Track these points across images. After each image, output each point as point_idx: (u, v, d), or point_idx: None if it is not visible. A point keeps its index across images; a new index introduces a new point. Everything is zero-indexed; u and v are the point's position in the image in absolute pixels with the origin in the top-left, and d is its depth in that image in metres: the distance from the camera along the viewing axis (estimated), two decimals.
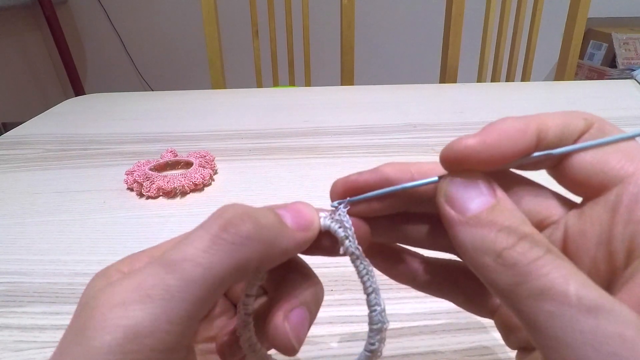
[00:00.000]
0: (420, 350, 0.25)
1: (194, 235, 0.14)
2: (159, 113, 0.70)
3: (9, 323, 0.29)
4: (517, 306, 0.12)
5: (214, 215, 0.14)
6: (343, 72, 1.11)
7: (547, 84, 0.82)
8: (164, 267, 0.13)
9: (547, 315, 0.11)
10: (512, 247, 0.12)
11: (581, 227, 0.14)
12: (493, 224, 0.13)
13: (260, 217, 0.14)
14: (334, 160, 0.51)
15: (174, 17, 2.02)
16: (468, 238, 0.13)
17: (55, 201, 0.44)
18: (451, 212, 0.14)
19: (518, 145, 0.14)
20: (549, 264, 0.12)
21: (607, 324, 0.11)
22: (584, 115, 0.14)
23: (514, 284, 0.12)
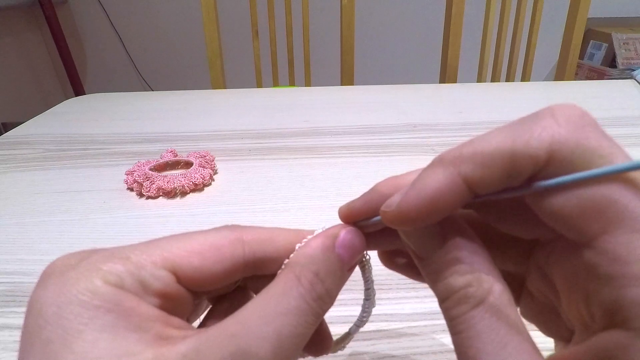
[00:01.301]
0: (420, 350, 0.25)
1: (287, 302, 0.13)
2: (159, 113, 0.70)
3: (9, 323, 0.29)
4: (457, 343, 0.13)
5: (299, 281, 0.14)
6: (343, 72, 1.11)
7: (547, 84, 0.82)
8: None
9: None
10: (445, 300, 0.14)
11: (557, 264, 0.14)
12: (437, 274, 0.14)
13: (338, 284, 0.15)
14: (334, 160, 0.51)
15: (174, 17, 2.02)
16: (427, 282, 0.15)
17: (55, 201, 0.44)
18: (415, 259, 0.15)
19: (446, 204, 0.13)
20: (465, 323, 0.13)
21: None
22: (537, 147, 0.12)
23: (449, 330, 0.14)
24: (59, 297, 0.12)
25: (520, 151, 0.12)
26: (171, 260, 0.14)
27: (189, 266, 0.14)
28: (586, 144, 0.11)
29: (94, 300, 0.12)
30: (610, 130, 0.13)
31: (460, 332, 0.13)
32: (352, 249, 0.15)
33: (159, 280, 0.13)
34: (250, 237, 0.15)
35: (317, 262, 0.14)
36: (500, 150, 0.12)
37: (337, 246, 0.15)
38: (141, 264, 0.13)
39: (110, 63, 2.13)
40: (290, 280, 0.14)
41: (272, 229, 0.16)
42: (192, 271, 0.14)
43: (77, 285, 0.12)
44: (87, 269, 0.13)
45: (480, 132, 0.13)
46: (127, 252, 0.14)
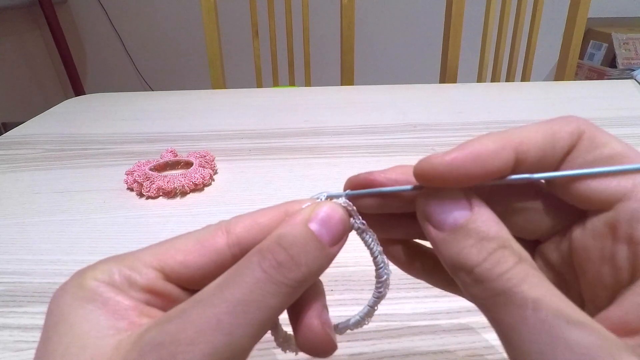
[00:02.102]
0: (420, 350, 0.25)
1: (241, 272, 0.13)
2: (159, 113, 0.70)
3: (9, 323, 0.29)
4: (490, 316, 0.13)
5: (261, 251, 0.14)
6: (343, 72, 1.11)
7: (547, 84, 0.82)
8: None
9: (510, 326, 0.12)
10: (482, 263, 0.13)
11: (584, 243, 0.14)
12: (466, 239, 0.13)
13: (310, 256, 0.14)
14: (334, 160, 0.51)
15: (174, 17, 2.02)
16: (446, 254, 0.14)
17: (55, 201, 0.44)
18: (430, 229, 0.14)
19: (490, 168, 0.13)
20: (514, 277, 0.12)
21: (564, 333, 0.11)
22: (570, 127, 0.14)
23: (485, 298, 0.13)
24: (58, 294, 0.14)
25: (557, 128, 0.14)
26: (158, 259, 0.15)
27: (173, 261, 0.15)
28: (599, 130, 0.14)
29: (79, 292, 0.14)
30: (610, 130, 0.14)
31: (509, 289, 0.12)
32: (330, 222, 0.15)
33: (144, 277, 0.14)
34: (235, 225, 0.16)
35: (283, 233, 0.14)
36: (541, 128, 0.14)
37: (311, 220, 0.15)
38: (131, 264, 0.15)
39: (110, 63, 2.13)
40: (250, 253, 0.14)
41: (256, 211, 0.16)
42: (178, 266, 0.15)
43: (71, 282, 0.14)
44: (85, 269, 0.15)
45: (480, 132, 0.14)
46: (125, 255, 0.15)
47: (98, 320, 0.13)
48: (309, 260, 0.14)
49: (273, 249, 0.14)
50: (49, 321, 0.14)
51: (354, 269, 0.32)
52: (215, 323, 0.12)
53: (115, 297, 0.14)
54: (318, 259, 0.14)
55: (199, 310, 0.13)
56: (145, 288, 0.14)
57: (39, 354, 0.13)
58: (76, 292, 0.14)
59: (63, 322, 0.13)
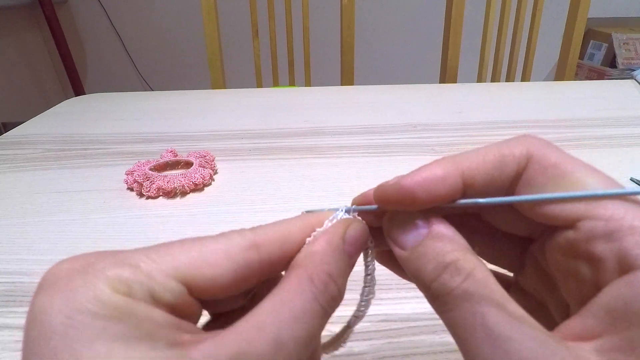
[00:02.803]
0: (420, 351, 0.25)
1: (304, 308, 0.13)
2: (159, 113, 0.70)
3: (9, 323, 0.29)
4: (449, 329, 0.14)
5: (314, 282, 0.14)
6: (343, 72, 1.11)
7: (547, 84, 0.82)
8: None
9: (463, 339, 0.13)
10: (435, 279, 0.14)
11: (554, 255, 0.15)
12: (423, 257, 0.14)
13: (345, 281, 0.15)
14: (334, 160, 0.51)
15: (174, 17, 2.02)
16: (409, 272, 0.15)
17: (55, 201, 0.44)
18: (395, 249, 0.15)
19: (438, 193, 0.14)
20: (462, 293, 0.13)
21: (507, 346, 0.12)
22: (518, 150, 0.14)
23: (441, 312, 0.14)
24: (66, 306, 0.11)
25: (505, 152, 0.15)
26: (182, 271, 0.13)
27: (201, 277, 0.13)
28: (549, 151, 0.14)
29: (104, 310, 0.11)
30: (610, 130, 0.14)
31: (455, 305, 0.13)
32: (358, 244, 0.16)
33: (170, 293, 0.13)
34: (263, 239, 0.15)
35: (329, 261, 0.14)
36: (489, 152, 0.15)
37: (347, 243, 0.15)
38: (151, 274, 0.13)
39: (110, 63, 2.13)
40: (303, 281, 0.14)
41: (282, 226, 0.16)
42: (204, 282, 0.13)
43: (85, 294, 0.11)
44: (94, 275, 0.12)
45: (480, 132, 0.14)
46: (136, 259, 0.13)
47: (137, 346, 0.11)
48: (345, 286, 0.15)
49: (327, 282, 0.14)
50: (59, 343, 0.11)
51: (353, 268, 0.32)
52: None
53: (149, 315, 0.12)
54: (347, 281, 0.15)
55: (270, 345, 0.12)
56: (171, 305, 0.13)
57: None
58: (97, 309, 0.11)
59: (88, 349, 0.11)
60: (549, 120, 0.62)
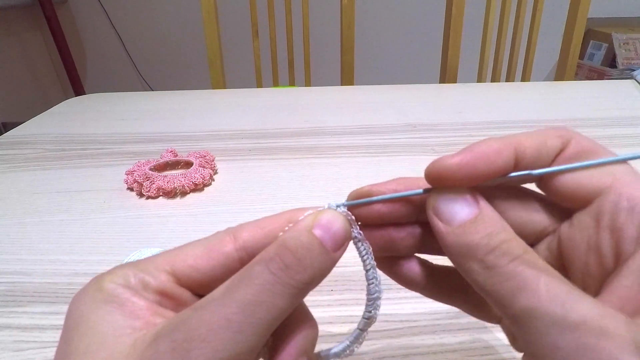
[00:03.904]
0: (420, 351, 0.25)
1: (250, 274, 0.14)
2: (159, 113, 0.70)
3: (9, 323, 0.29)
4: (499, 303, 0.14)
5: (268, 254, 0.15)
6: (343, 72, 1.11)
7: (547, 84, 0.82)
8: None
9: (522, 310, 0.13)
10: (491, 251, 0.14)
11: (571, 236, 0.15)
12: (476, 232, 0.14)
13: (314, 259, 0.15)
14: (334, 160, 0.51)
15: (174, 17, 2.02)
16: (455, 246, 0.15)
17: (55, 201, 0.44)
18: (439, 224, 0.15)
19: (495, 166, 0.15)
20: (522, 264, 0.13)
21: (578, 309, 0.12)
22: (560, 133, 0.16)
23: (495, 284, 0.14)
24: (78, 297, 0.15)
25: (550, 133, 0.16)
26: (170, 263, 0.16)
27: (184, 265, 0.16)
28: (586, 139, 0.16)
29: (98, 295, 0.15)
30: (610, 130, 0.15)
31: (520, 271, 0.13)
32: (332, 228, 0.16)
33: (157, 280, 0.15)
34: (241, 229, 0.16)
35: (288, 237, 0.15)
36: (536, 133, 0.16)
37: (315, 226, 0.15)
38: (145, 268, 0.15)
39: (110, 63, 2.13)
40: (259, 257, 0.15)
41: (262, 219, 0.17)
42: (188, 270, 0.16)
43: (90, 286, 0.15)
44: (103, 274, 0.15)
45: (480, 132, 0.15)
46: (139, 261, 0.16)
47: (116, 320, 0.14)
48: (313, 263, 0.15)
49: (280, 252, 0.14)
50: (70, 322, 0.14)
51: (353, 269, 0.32)
52: (226, 322, 0.13)
53: (131, 299, 0.15)
54: (322, 263, 0.15)
55: (210, 309, 0.13)
56: (158, 290, 0.15)
57: (61, 353, 0.14)
58: (95, 294, 0.15)
59: (83, 322, 0.14)
60: (549, 120, 0.62)
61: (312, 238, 0.15)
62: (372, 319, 0.18)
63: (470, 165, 0.15)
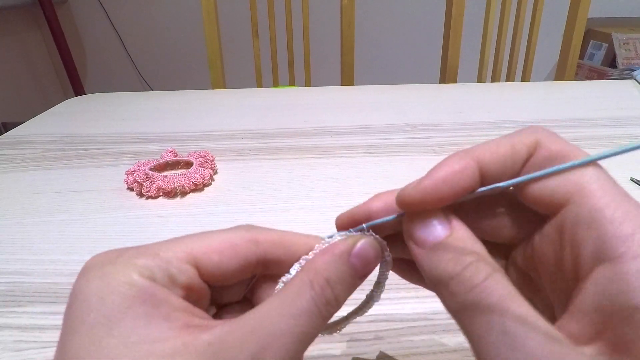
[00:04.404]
0: (420, 351, 0.25)
1: (301, 304, 0.14)
2: (159, 113, 0.70)
3: (9, 323, 0.29)
4: (463, 328, 0.14)
5: (312, 286, 0.15)
6: (343, 72, 1.11)
7: (547, 84, 0.82)
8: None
9: (478, 336, 0.13)
10: (456, 276, 0.14)
11: (541, 247, 0.15)
12: (444, 255, 0.15)
13: (347, 291, 0.16)
14: (334, 160, 0.51)
15: (174, 17, 2.02)
16: (427, 269, 0.15)
17: (55, 201, 0.44)
18: (414, 247, 0.16)
19: (459, 186, 0.15)
20: (484, 290, 0.13)
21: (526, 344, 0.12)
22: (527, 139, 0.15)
23: (459, 310, 0.14)
24: (101, 288, 0.13)
25: (516, 141, 0.15)
26: (194, 256, 0.15)
27: (209, 262, 0.15)
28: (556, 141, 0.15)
29: (131, 291, 0.13)
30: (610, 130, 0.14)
31: (479, 302, 0.13)
32: (366, 259, 0.16)
33: (185, 274, 0.15)
34: (264, 238, 0.17)
35: (330, 269, 0.15)
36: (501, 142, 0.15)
37: (352, 255, 0.16)
38: (169, 260, 0.15)
39: (110, 63, 2.13)
40: (304, 284, 0.15)
41: (284, 232, 0.17)
42: (212, 266, 0.15)
43: (117, 278, 0.14)
44: (123, 264, 0.14)
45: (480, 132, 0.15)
46: (156, 249, 0.15)
47: (158, 323, 0.13)
48: (346, 295, 0.16)
49: (324, 287, 0.15)
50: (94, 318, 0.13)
51: None
52: (285, 351, 0.14)
53: (167, 298, 0.14)
54: (351, 291, 0.16)
55: (271, 335, 0.14)
56: (185, 286, 0.15)
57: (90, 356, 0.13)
58: (126, 290, 0.13)
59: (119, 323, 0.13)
60: (549, 120, 0.62)
61: (349, 270, 0.16)
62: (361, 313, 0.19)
63: (433, 192, 0.15)
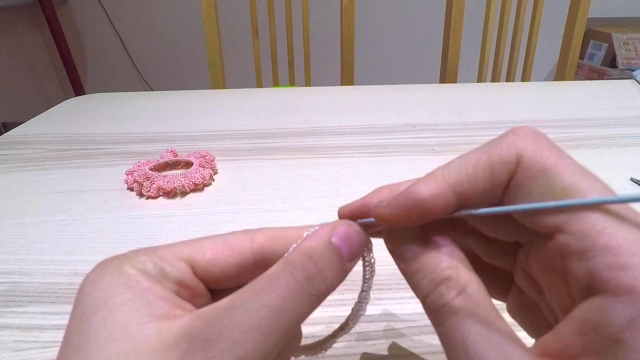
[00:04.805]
0: (420, 351, 0.25)
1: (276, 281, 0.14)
2: (159, 113, 0.70)
3: (9, 323, 0.29)
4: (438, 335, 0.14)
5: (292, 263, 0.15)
6: (343, 72, 1.11)
7: (547, 84, 0.82)
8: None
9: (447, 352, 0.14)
10: (429, 295, 0.14)
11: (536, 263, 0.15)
12: (420, 272, 0.15)
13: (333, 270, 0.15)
14: (334, 160, 0.51)
15: (174, 17, 2.02)
16: (409, 283, 0.16)
17: (55, 201, 0.44)
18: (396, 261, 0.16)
19: (432, 211, 0.15)
20: (450, 310, 0.14)
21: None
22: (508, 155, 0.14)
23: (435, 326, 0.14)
24: (96, 278, 0.15)
25: (495, 160, 0.14)
26: (188, 254, 0.16)
27: (202, 258, 0.16)
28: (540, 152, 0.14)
29: (120, 278, 0.15)
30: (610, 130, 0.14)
31: (444, 320, 0.14)
32: (348, 240, 0.16)
33: (176, 269, 0.15)
34: (260, 234, 0.17)
35: (311, 247, 0.15)
36: (479, 161, 0.15)
37: (333, 235, 0.16)
38: (163, 256, 0.16)
39: (110, 63, 2.13)
40: (282, 263, 0.15)
41: (281, 227, 0.18)
42: (206, 263, 0.16)
43: (110, 269, 0.15)
44: (120, 259, 0.16)
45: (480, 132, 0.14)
46: (156, 248, 0.16)
47: (138, 307, 0.14)
48: (332, 274, 0.15)
49: (304, 262, 0.15)
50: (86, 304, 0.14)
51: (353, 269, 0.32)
52: (257, 326, 0.13)
53: (152, 287, 0.15)
54: (338, 273, 0.16)
55: (242, 312, 0.14)
56: (177, 280, 0.15)
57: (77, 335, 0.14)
58: (115, 278, 0.15)
59: (102, 306, 0.14)
60: (549, 120, 0.62)
61: (332, 248, 0.15)
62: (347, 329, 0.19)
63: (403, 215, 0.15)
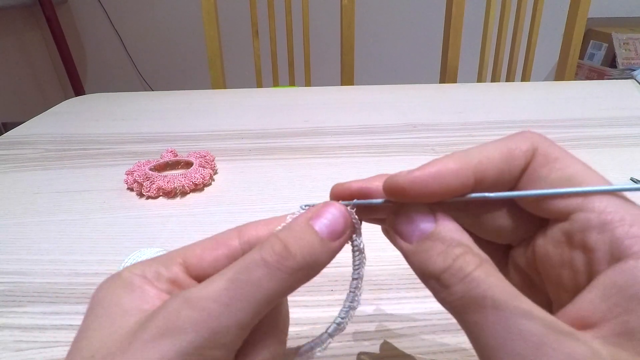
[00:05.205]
0: (420, 351, 0.25)
1: (243, 258, 0.15)
2: (159, 113, 0.70)
3: (9, 323, 0.29)
4: (458, 318, 0.14)
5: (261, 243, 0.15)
6: (343, 72, 1.11)
7: (547, 84, 0.82)
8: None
9: (474, 324, 0.13)
10: (447, 269, 0.14)
11: (545, 249, 0.15)
12: (432, 248, 0.15)
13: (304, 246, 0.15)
14: (334, 160, 0.51)
15: (174, 17, 2.02)
16: (415, 263, 0.15)
17: (55, 201, 0.44)
18: (400, 242, 0.16)
19: (450, 186, 0.15)
20: (475, 279, 0.13)
21: (517, 324, 0.12)
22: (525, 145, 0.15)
23: (452, 301, 0.14)
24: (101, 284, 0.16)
25: (513, 147, 0.15)
26: (183, 255, 0.17)
27: (193, 255, 0.17)
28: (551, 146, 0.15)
29: (117, 282, 0.16)
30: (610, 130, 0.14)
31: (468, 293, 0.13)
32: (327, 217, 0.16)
33: (169, 270, 0.16)
34: (247, 227, 0.17)
35: (282, 228, 0.16)
36: (498, 148, 0.15)
37: (312, 216, 0.16)
38: (161, 260, 0.17)
39: (110, 63, 2.13)
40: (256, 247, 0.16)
41: (268, 219, 0.18)
42: (196, 259, 0.17)
43: (113, 276, 0.16)
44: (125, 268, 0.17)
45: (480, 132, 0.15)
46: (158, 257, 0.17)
47: (127, 303, 0.15)
48: (303, 250, 0.15)
49: (271, 239, 0.15)
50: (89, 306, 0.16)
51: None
52: (215, 295, 0.14)
53: (143, 286, 0.16)
54: (314, 250, 0.15)
55: (204, 284, 0.15)
56: (170, 280, 0.16)
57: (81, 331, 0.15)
58: (113, 282, 0.16)
59: (99, 304, 0.16)
60: (549, 120, 0.62)
61: (305, 226, 0.16)
62: (342, 325, 0.18)
63: (424, 184, 0.15)
